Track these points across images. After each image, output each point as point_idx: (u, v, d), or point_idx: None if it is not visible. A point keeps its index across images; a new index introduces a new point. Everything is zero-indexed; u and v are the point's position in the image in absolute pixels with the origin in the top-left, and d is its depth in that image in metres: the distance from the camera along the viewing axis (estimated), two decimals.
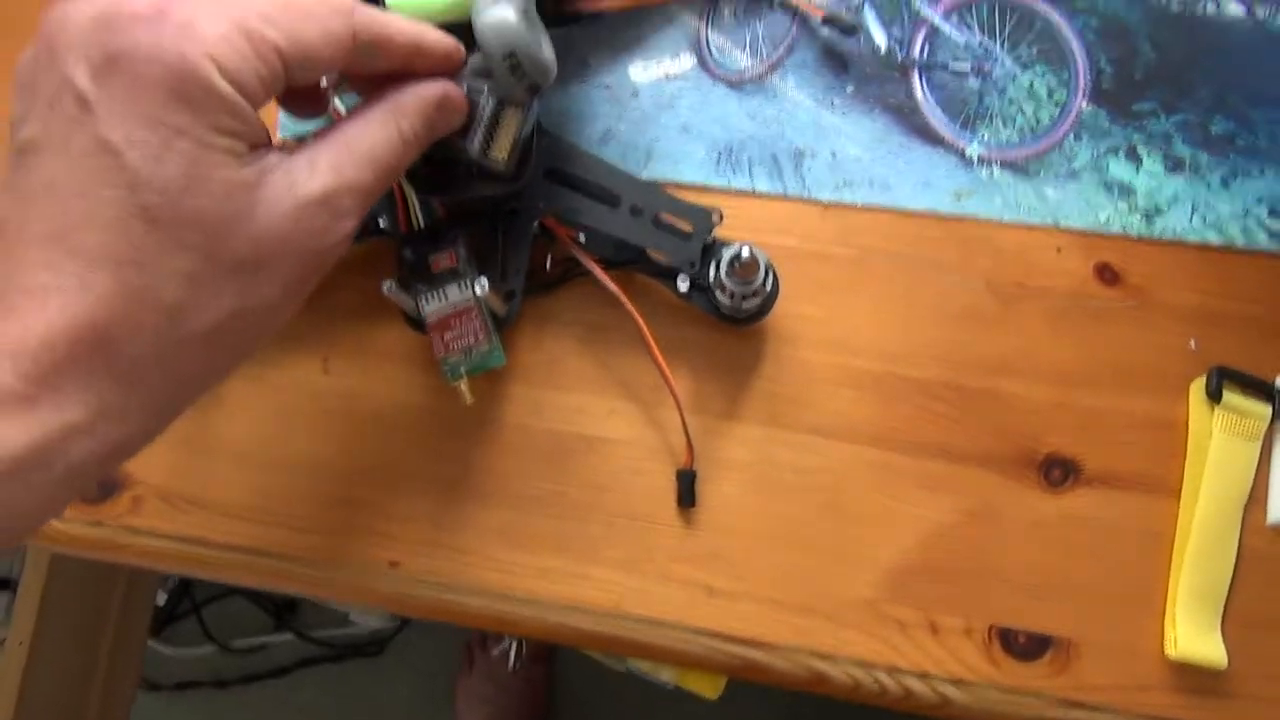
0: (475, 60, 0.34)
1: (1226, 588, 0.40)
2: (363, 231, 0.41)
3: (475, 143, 0.35)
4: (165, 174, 0.26)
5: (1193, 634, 0.40)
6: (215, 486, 0.43)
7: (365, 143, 0.31)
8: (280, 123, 0.45)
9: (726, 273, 0.38)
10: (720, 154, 0.44)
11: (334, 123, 0.31)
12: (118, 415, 0.27)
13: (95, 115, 0.26)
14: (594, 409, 0.43)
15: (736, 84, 0.45)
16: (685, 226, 0.40)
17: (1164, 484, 0.41)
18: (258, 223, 0.28)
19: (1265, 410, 0.41)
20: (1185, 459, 0.41)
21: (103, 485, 0.43)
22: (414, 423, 0.43)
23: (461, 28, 0.34)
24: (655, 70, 0.45)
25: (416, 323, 0.40)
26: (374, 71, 0.32)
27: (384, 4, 0.35)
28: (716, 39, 0.45)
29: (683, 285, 0.40)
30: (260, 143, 0.28)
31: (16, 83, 0.28)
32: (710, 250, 0.40)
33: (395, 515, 0.42)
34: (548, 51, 0.34)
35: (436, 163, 0.36)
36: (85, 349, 0.26)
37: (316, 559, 0.42)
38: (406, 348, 0.43)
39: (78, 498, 0.43)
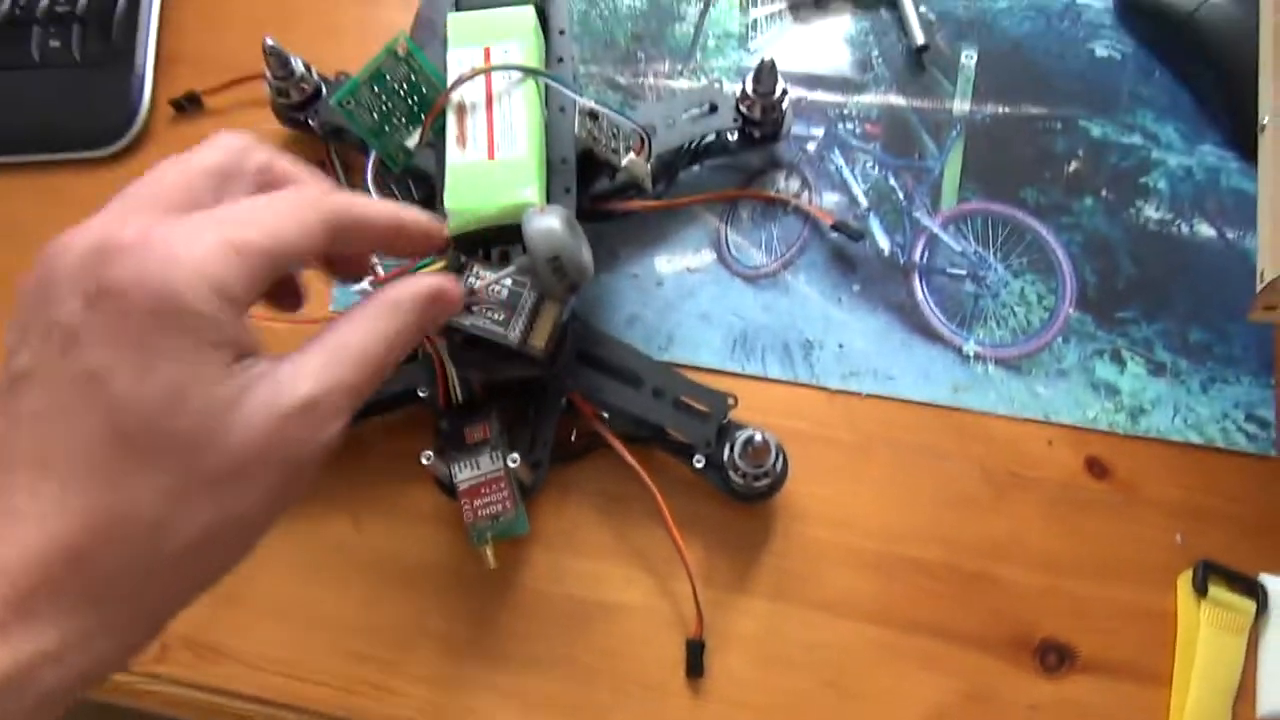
0: (522, 260, 0.38)
1: None
2: (402, 399, 0.45)
3: (516, 332, 0.39)
4: (145, 397, 0.27)
5: None
6: (242, 638, 0.44)
7: (356, 342, 0.31)
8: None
9: (740, 455, 0.41)
10: (736, 341, 0.48)
11: (327, 323, 0.32)
12: (94, 638, 0.27)
13: (82, 345, 0.27)
14: (610, 577, 0.45)
15: (752, 278, 0.49)
16: (702, 408, 0.44)
17: (1157, 673, 0.43)
18: (236, 435, 0.27)
19: (1250, 606, 0.43)
20: (1175, 649, 0.43)
21: None
22: (437, 582, 0.45)
23: (512, 230, 0.38)
24: (678, 263, 0.50)
25: (448, 488, 0.43)
26: (359, 253, 0.34)
27: (444, 209, 0.39)
28: (735, 238, 0.50)
29: (699, 463, 0.43)
30: (248, 350, 0.29)
31: (14, 313, 0.28)
32: (725, 431, 0.43)
33: (413, 674, 0.44)
34: (587, 256, 0.38)
35: (478, 344, 0.40)
36: (61, 572, 0.26)
37: (334, 715, 0.43)
38: (434, 509, 0.46)
39: None
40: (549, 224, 0.37)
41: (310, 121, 0.49)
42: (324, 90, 0.49)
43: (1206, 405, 0.46)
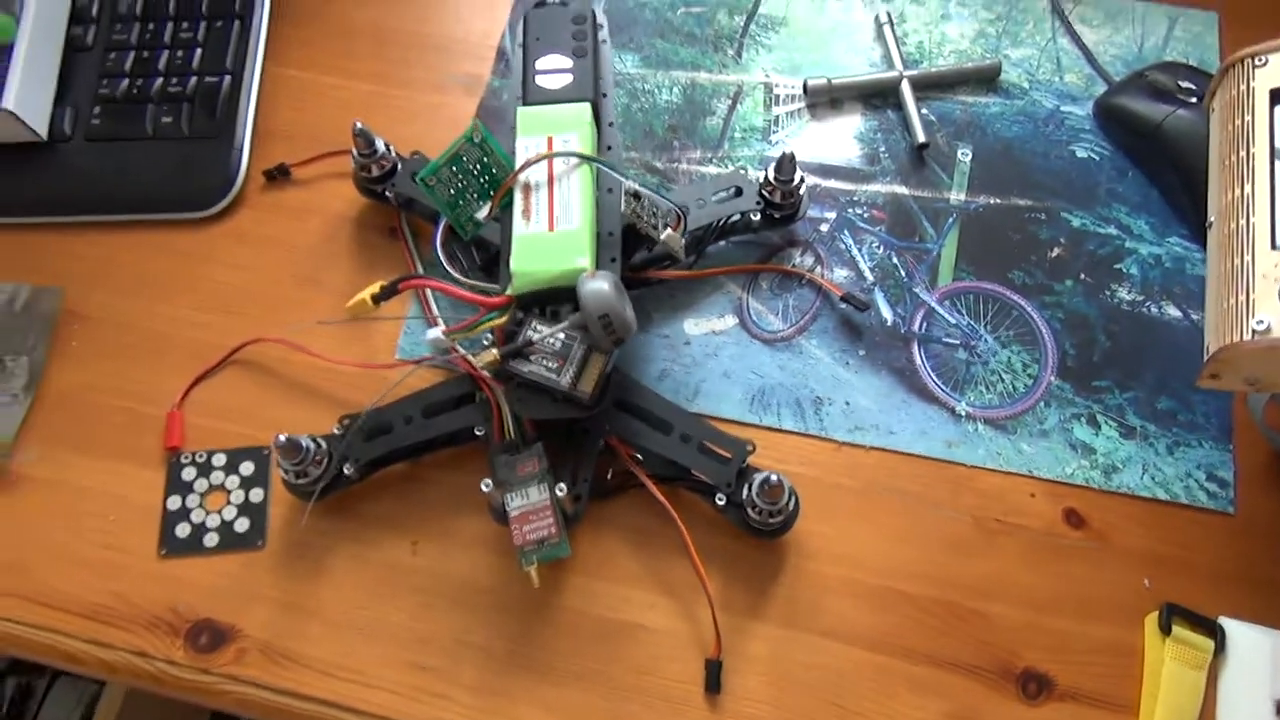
0: (575, 316, 0.44)
1: None
2: (460, 437, 0.51)
3: (567, 378, 0.45)
4: None
5: None
6: (312, 646, 0.50)
7: None
8: (400, 345, 0.56)
9: (758, 493, 0.47)
10: (754, 396, 0.54)
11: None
12: None
13: None
14: (639, 601, 0.50)
15: (770, 341, 0.55)
16: (725, 453, 0.50)
17: (1126, 703, 0.48)
18: None
19: (1209, 644, 0.48)
20: (1142, 682, 0.48)
21: (213, 635, 0.50)
22: (484, 601, 0.50)
23: (565, 291, 0.45)
24: (705, 326, 0.56)
25: (500, 515, 0.48)
26: None
27: (509, 272, 0.46)
28: (755, 305, 0.56)
29: (720, 501, 0.49)
30: None
31: None
32: (744, 474, 0.49)
33: (460, 682, 0.49)
34: (631, 315, 0.44)
35: (533, 388, 0.46)
36: None
37: (388, 717, 0.49)
38: (484, 536, 0.52)
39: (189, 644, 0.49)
40: (600, 286, 0.43)
41: (387, 194, 0.56)
42: (400, 166, 0.57)
43: (1172, 465, 0.52)
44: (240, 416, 0.54)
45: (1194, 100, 0.57)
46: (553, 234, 0.46)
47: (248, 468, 0.53)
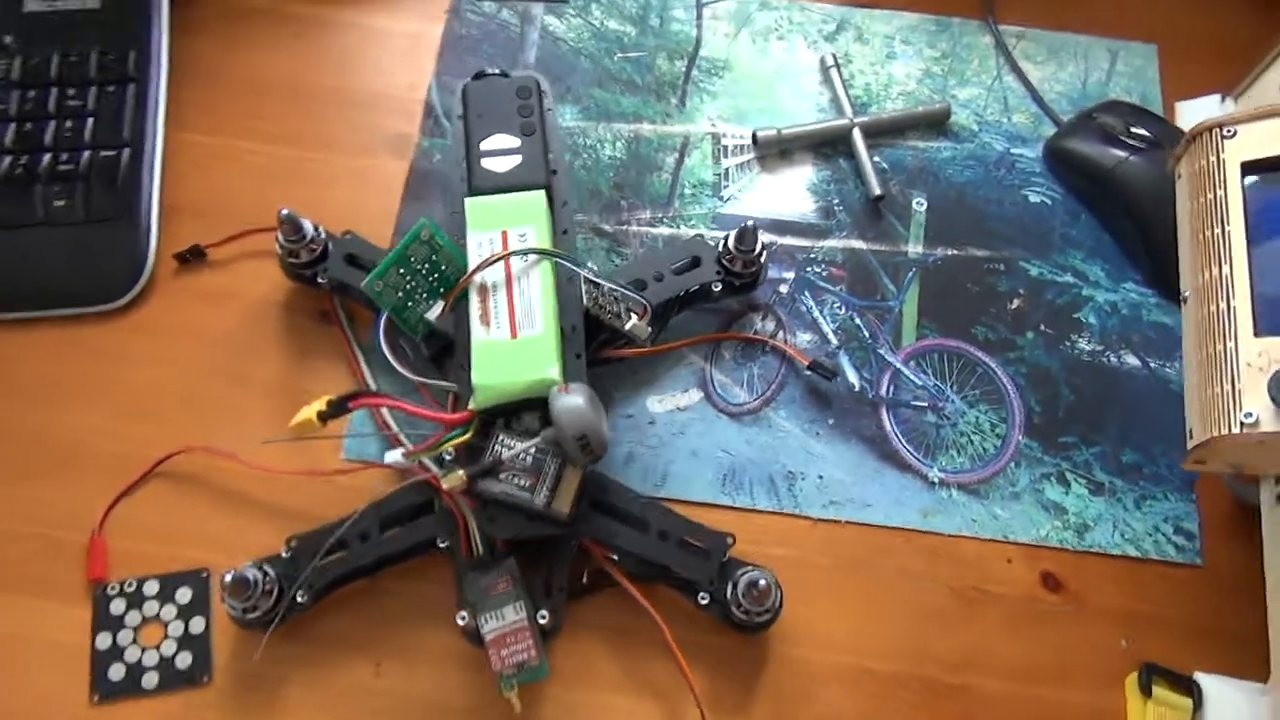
0: (548, 432, 0.41)
1: None
2: (420, 548, 0.48)
3: (542, 497, 0.42)
4: None
5: None
6: None
7: None
8: (345, 444, 0.52)
9: (745, 596, 0.45)
10: (725, 476, 0.52)
11: None
12: None
13: None
14: (622, 708, 0.48)
15: (737, 415, 0.54)
16: (703, 546, 0.48)
17: None
18: None
19: (1188, 703, 0.48)
20: None
21: None
22: None
23: (541, 402, 0.42)
24: (669, 403, 0.54)
25: (473, 638, 0.45)
26: None
27: (468, 379, 0.42)
28: (719, 377, 0.54)
29: (703, 599, 0.47)
30: None
31: None
32: (725, 569, 0.47)
33: None
34: (607, 429, 0.42)
35: (503, 506, 0.43)
36: None
37: None
38: (453, 650, 0.48)
39: None
40: (575, 403, 0.40)
41: (320, 279, 0.52)
42: (331, 248, 0.52)
43: (1140, 520, 0.52)
44: (170, 536, 0.50)
45: (1144, 146, 0.56)
46: (516, 341, 0.43)
47: (184, 594, 0.49)
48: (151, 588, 0.48)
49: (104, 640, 0.47)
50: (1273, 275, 0.41)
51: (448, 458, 0.44)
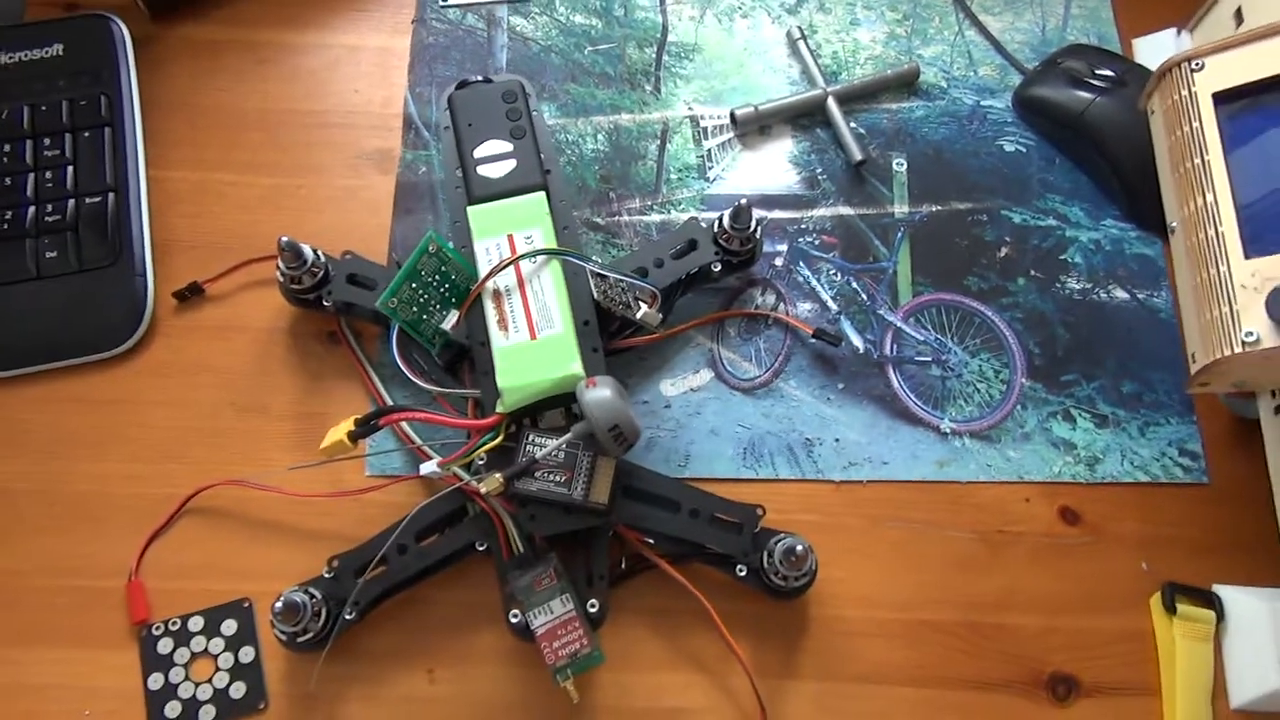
0: (579, 427, 0.42)
1: None
2: (460, 554, 0.48)
3: (579, 490, 0.43)
4: None
5: None
6: None
7: None
8: (368, 461, 0.52)
9: (782, 562, 0.47)
10: (745, 450, 0.53)
11: None
12: None
13: None
14: (673, 684, 0.49)
15: (749, 390, 0.55)
16: (735, 520, 0.49)
17: (1147, 686, 0.50)
18: None
19: (1211, 615, 0.51)
20: (1159, 663, 0.50)
21: None
22: (517, 718, 0.48)
23: (563, 395, 0.43)
24: (682, 385, 0.55)
25: (523, 633, 0.46)
26: None
27: (499, 388, 0.43)
28: (727, 354, 0.55)
29: (741, 571, 0.48)
30: None
31: None
32: (758, 539, 0.48)
33: None
34: (636, 418, 0.43)
35: (541, 503, 0.44)
36: None
37: None
38: (502, 648, 0.49)
39: None
40: (605, 395, 0.41)
41: (325, 301, 0.52)
42: (332, 270, 0.52)
43: (1146, 447, 0.54)
44: (207, 571, 0.50)
45: (1110, 86, 0.58)
46: (537, 341, 0.44)
47: (230, 626, 0.49)
48: (196, 623, 0.49)
49: (156, 680, 0.48)
50: (1256, 198, 0.43)
51: (480, 462, 0.45)
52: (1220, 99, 0.45)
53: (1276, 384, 0.45)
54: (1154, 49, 0.61)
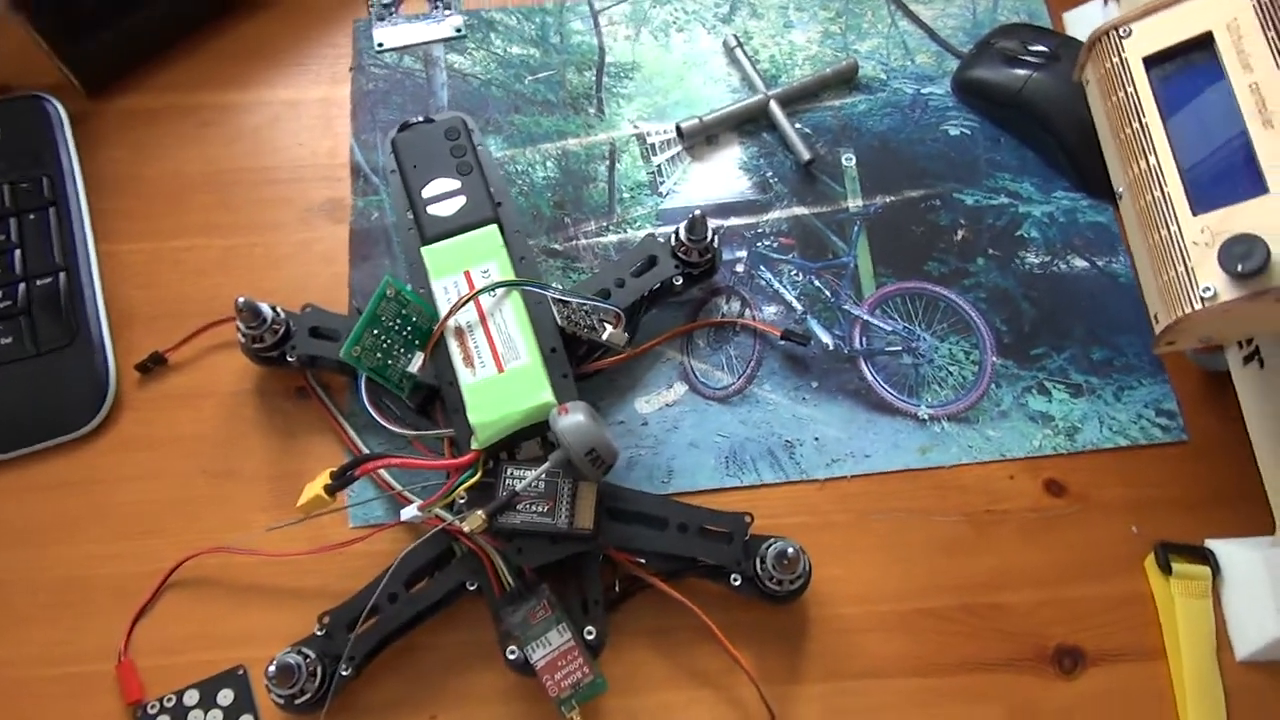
0: (556, 455, 0.42)
1: None
2: (452, 597, 0.48)
3: (563, 518, 0.43)
4: None
5: None
6: None
7: None
8: (350, 512, 0.52)
9: (775, 567, 0.46)
10: (727, 459, 0.53)
11: None
12: None
13: None
14: (678, 702, 0.49)
15: (724, 399, 0.55)
16: (724, 530, 0.48)
17: (1152, 649, 0.50)
18: None
19: (1206, 571, 0.51)
20: (1160, 624, 0.50)
21: None
22: None
23: (537, 426, 0.43)
24: (656, 401, 0.54)
25: (522, 668, 0.46)
26: None
27: (471, 425, 0.43)
28: (698, 365, 0.55)
29: (735, 581, 0.48)
30: None
31: None
32: (749, 547, 0.48)
33: None
34: (612, 440, 0.42)
35: (526, 536, 0.44)
36: None
37: None
38: (503, 687, 0.49)
39: None
40: (578, 420, 0.41)
41: (289, 357, 0.52)
42: (293, 325, 0.52)
43: (1123, 411, 0.54)
44: (198, 643, 0.49)
45: (1044, 61, 0.59)
46: (504, 374, 0.44)
47: (226, 696, 0.48)
48: (192, 697, 0.48)
49: None
50: (1196, 155, 0.43)
51: (460, 501, 0.45)
52: (1150, 62, 0.45)
53: (1242, 335, 0.45)
54: (1084, 21, 0.62)
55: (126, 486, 0.52)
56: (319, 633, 0.47)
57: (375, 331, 0.44)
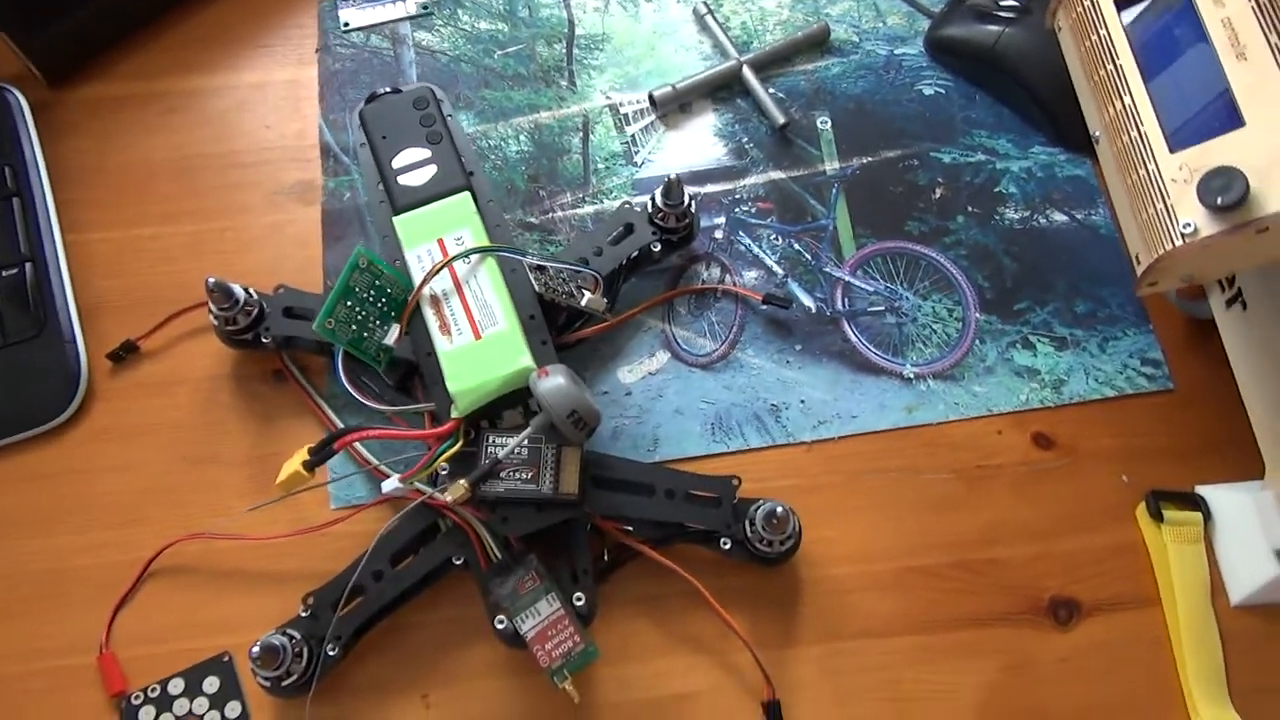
0: (538, 419, 0.41)
1: (1223, 668, 0.48)
2: (439, 573, 0.47)
3: (548, 484, 0.42)
4: None
5: (1215, 716, 0.47)
6: None
7: None
8: (332, 493, 0.51)
9: (765, 527, 0.46)
10: (713, 425, 0.53)
11: None
12: None
13: None
14: (672, 670, 0.48)
15: (707, 365, 0.54)
16: (712, 495, 0.48)
17: (1147, 597, 0.50)
18: None
19: (1198, 517, 0.50)
20: (1154, 572, 0.50)
21: None
22: None
23: (518, 393, 0.42)
24: (639, 370, 0.54)
25: (512, 640, 0.45)
26: None
27: (451, 393, 0.42)
28: (680, 333, 0.55)
29: (725, 545, 0.47)
30: None
31: None
32: (738, 511, 0.47)
33: None
34: (594, 401, 0.42)
35: (512, 504, 0.43)
36: None
37: None
38: (495, 661, 0.48)
39: None
40: (558, 383, 0.40)
41: (264, 338, 0.51)
42: (266, 306, 0.51)
43: (1108, 362, 0.54)
44: (181, 631, 0.48)
45: (1015, 15, 0.58)
46: (482, 341, 0.43)
47: (212, 684, 0.47)
48: (176, 686, 0.47)
49: None
50: (1171, 93, 0.43)
51: (442, 473, 0.44)
52: (1121, 3, 0.45)
53: (1222, 272, 0.45)
54: None
55: (103, 476, 0.51)
56: (304, 614, 0.46)
57: (349, 303, 0.44)
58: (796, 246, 0.57)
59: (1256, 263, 0.41)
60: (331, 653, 0.45)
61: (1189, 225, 0.40)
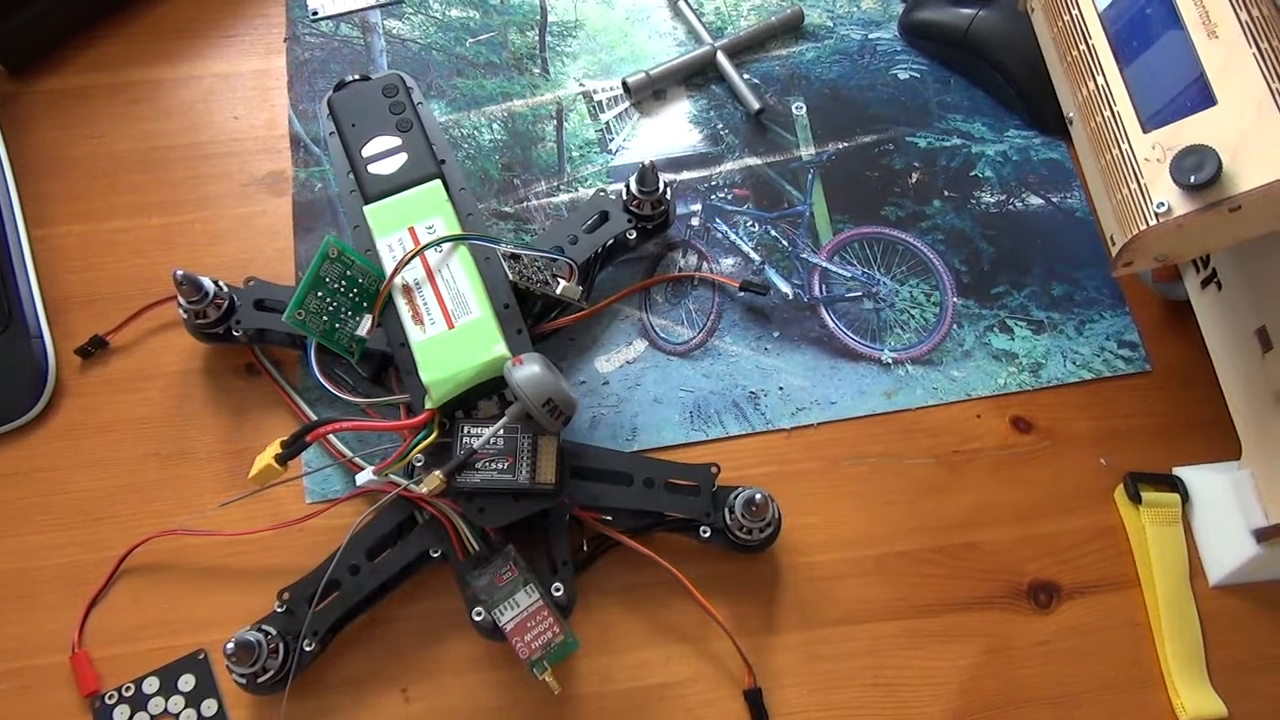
0: (514, 408, 0.41)
1: (1202, 648, 0.49)
2: (416, 566, 0.47)
3: (524, 474, 0.42)
4: None
5: (1193, 696, 0.47)
6: None
7: None
8: (307, 487, 0.50)
9: (744, 514, 0.45)
10: (691, 413, 0.52)
11: None
12: None
13: None
14: (654, 660, 0.48)
15: (685, 353, 0.54)
16: (691, 483, 0.48)
17: (1126, 579, 0.50)
18: None
19: (1175, 498, 0.51)
20: (1133, 554, 0.50)
21: None
22: None
23: (493, 383, 0.41)
24: (616, 359, 0.53)
25: (491, 632, 0.45)
26: None
27: (424, 384, 0.41)
28: (657, 321, 0.54)
29: (705, 533, 0.47)
30: None
31: None
32: (717, 499, 0.47)
33: None
34: (570, 389, 0.41)
35: (489, 495, 0.43)
36: None
37: None
38: (474, 654, 0.48)
39: None
40: (533, 371, 0.40)
41: (235, 332, 0.50)
42: (237, 299, 0.50)
43: (1085, 345, 0.54)
44: (155, 629, 0.48)
45: None
46: (455, 330, 0.42)
47: (187, 682, 0.47)
48: (151, 684, 0.46)
49: None
50: (1143, 74, 0.43)
51: (418, 464, 0.43)
52: None
53: (1196, 252, 0.45)
54: None
55: (73, 474, 0.51)
56: (279, 610, 0.45)
57: (320, 294, 0.43)
58: (773, 233, 0.56)
59: (1230, 242, 0.41)
60: (308, 648, 0.44)
61: (1163, 205, 0.40)
